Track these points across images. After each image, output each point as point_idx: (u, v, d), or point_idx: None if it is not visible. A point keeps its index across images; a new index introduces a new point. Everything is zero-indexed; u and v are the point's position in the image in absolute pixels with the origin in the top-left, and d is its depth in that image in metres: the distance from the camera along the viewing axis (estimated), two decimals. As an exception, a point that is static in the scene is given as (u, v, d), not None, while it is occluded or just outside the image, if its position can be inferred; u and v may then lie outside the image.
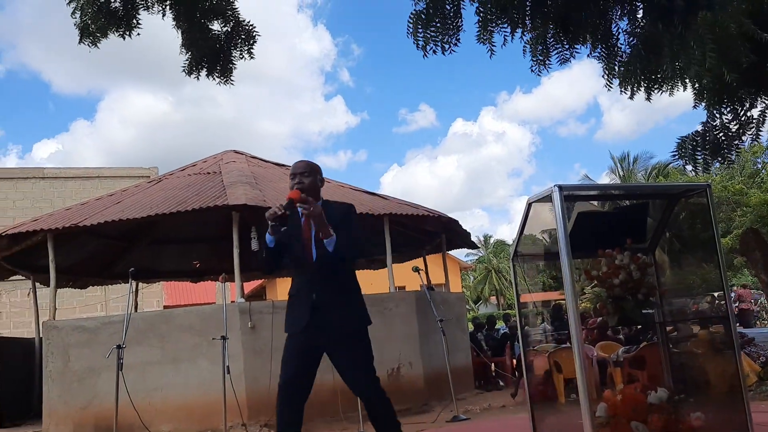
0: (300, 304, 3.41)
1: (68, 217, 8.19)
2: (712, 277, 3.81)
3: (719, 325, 5.66)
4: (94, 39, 4.14)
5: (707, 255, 3.80)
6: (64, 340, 7.30)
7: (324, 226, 3.29)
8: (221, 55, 4.79)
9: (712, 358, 5.07)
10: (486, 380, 10.00)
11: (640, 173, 35.75)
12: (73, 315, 15.08)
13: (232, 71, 4.89)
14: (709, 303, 9.61)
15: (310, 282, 3.40)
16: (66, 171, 19.95)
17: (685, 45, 4.80)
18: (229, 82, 4.90)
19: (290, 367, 3.37)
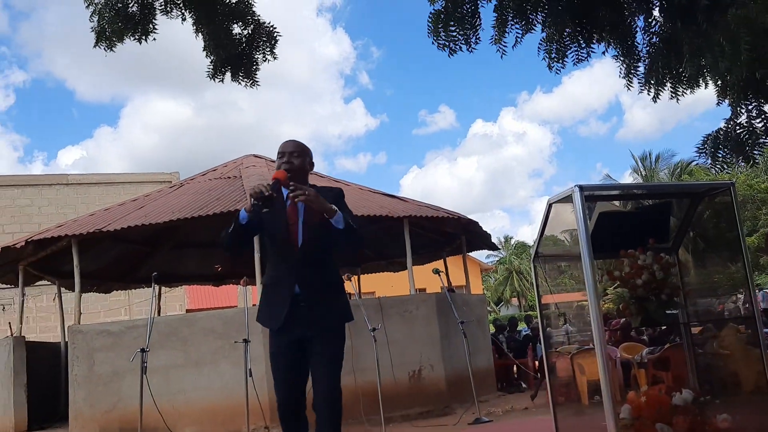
0: (279, 294, 3.13)
1: (92, 222, 8.31)
2: (738, 277, 3.75)
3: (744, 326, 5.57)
4: (109, 43, 4.18)
5: (732, 254, 3.75)
6: (89, 344, 7.40)
7: (325, 206, 2.99)
8: (244, 57, 4.82)
9: (739, 359, 5.00)
10: (508, 382, 9.95)
11: (663, 172, 35.29)
12: (98, 319, 15.29)
13: (256, 73, 4.91)
14: (734, 303, 9.48)
15: (292, 272, 3.10)
16: (89, 177, 20.24)
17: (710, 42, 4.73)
18: (255, 84, 4.93)
19: (280, 394, 3.15)
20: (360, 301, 7.50)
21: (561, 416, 3.62)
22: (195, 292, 25.06)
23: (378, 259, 12.29)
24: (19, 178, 19.49)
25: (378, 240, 10.66)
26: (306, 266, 3.10)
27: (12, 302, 16.78)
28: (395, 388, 7.25)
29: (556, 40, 6.56)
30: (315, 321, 3.08)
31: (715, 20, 4.98)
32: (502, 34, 5.96)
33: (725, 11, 4.98)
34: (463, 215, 9.21)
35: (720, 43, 4.42)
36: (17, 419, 8.26)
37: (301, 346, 3.11)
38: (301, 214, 3.13)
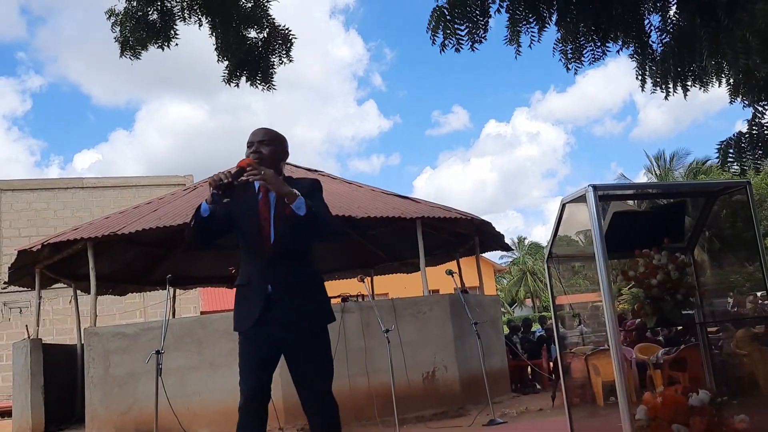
0: (251, 296, 2.93)
1: (107, 225, 8.38)
2: (756, 277, 3.71)
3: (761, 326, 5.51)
4: (134, 52, 4.24)
5: (749, 254, 3.71)
6: (104, 346, 7.46)
7: (284, 188, 2.81)
8: (260, 61, 4.85)
9: (756, 359, 4.94)
10: (523, 383, 9.91)
11: (678, 171, 35.00)
12: (113, 322, 15.42)
13: (272, 76, 4.94)
14: (752, 303, 9.39)
15: (264, 270, 2.89)
16: (104, 180, 20.41)
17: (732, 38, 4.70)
18: (271, 87, 4.96)
19: (249, 382, 2.94)
20: (373, 303, 7.51)
21: (576, 417, 3.60)
22: (209, 294, 25.18)
23: (391, 261, 12.29)
24: (35, 182, 19.69)
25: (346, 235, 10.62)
26: (279, 264, 2.89)
27: (29, 305, 16.96)
28: (409, 389, 7.25)
29: (570, 40, 6.53)
30: (290, 322, 2.88)
31: (737, 16, 4.94)
32: (516, 34, 5.93)
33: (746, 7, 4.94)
34: (476, 216, 9.19)
35: (744, 38, 4.38)
36: (34, 420, 8.34)
37: (276, 349, 2.94)
38: (272, 208, 2.95)
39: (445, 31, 4.91)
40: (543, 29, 6.29)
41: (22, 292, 15.16)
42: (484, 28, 5.39)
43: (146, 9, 4.08)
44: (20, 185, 19.24)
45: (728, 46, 4.63)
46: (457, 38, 5.10)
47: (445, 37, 4.96)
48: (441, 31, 4.89)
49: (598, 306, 3.05)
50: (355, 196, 9.01)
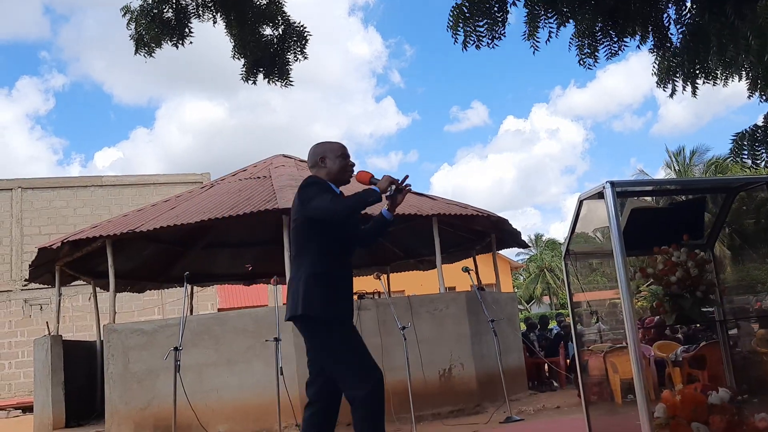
0: (348, 286, 3.33)
1: (126, 223, 8.46)
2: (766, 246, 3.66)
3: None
4: (149, 49, 4.26)
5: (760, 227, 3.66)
6: (123, 342, 7.54)
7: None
8: (276, 58, 4.85)
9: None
10: (540, 381, 9.86)
11: (697, 167, 34.59)
12: (132, 319, 15.56)
13: (289, 73, 4.95)
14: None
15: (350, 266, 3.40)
16: (123, 179, 20.61)
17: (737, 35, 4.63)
18: (288, 84, 4.97)
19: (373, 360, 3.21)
20: (389, 300, 7.51)
21: (594, 415, 3.58)
22: (226, 292, 25.34)
23: (407, 258, 12.28)
24: (54, 181, 19.92)
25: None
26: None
27: (49, 302, 17.19)
28: (425, 386, 7.24)
29: (587, 35, 6.46)
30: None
31: (743, 13, 4.86)
32: (535, 29, 5.89)
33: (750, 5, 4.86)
34: (492, 213, 9.15)
35: (746, 36, 4.31)
36: (55, 416, 8.46)
37: None
38: None
39: (465, 28, 4.90)
40: (562, 24, 6.23)
41: (43, 289, 15.37)
42: (502, 23, 5.37)
43: (161, 6, 4.10)
44: (40, 183, 19.49)
45: (733, 42, 4.56)
46: (477, 35, 5.07)
47: (465, 35, 4.94)
48: (461, 29, 4.87)
49: (616, 303, 3.02)
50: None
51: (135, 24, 4.20)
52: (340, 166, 3.33)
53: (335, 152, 3.38)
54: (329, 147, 3.42)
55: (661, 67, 6.98)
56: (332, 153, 3.38)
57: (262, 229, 10.84)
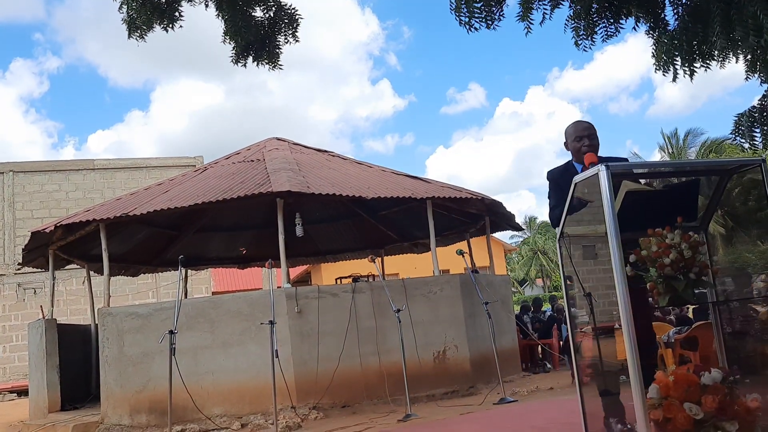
0: None
1: (119, 207, 8.42)
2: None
3: None
4: (141, 32, 4.22)
5: (762, 232, 3.67)
6: (118, 326, 7.54)
7: None
8: (267, 41, 4.81)
9: None
10: (533, 363, 9.94)
11: (692, 150, 34.69)
12: (126, 302, 15.58)
13: (278, 56, 4.90)
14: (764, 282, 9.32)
15: None
16: (115, 162, 20.49)
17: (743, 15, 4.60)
18: (277, 67, 4.93)
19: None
20: (384, 283, 7.52)
21: (587, 396, 3.60)
22: (220, 275, 25.37)
23: (401, 241, 12.30)
24: (46, 164, 19.80)
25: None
26: None
27: (43, 286, 17.15)
28: (420, 368, 7.29)
29: (583, 17, 6.42)
30: None
31: None
32: (528, 10, 5.86)
33: None
34: (486, 195, 9.16)
35: (756, 15, 4.29)
36: (50, 399, 8.48)
37: None
38: None
39: (468, 9, 4.88)
40: (557, 6, 6.20)
41: (36, 273, 15.35)
42: (499, 4, 5.35)
43: (151, -12, 4.06)
44: (32, 167, 19.36)
45: (739, 23, 4.54)
46: (477, 17, 5.06)
47: (469, 17, 4.93)
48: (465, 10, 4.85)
49: (611, 285, 3.03)
50: (366, 177, 9.00)
51: (127, 7, 4.15)
52: (574, 150, 3.54)
53: (570, 136, 3.59)
54: (568, 130, 3.64)
55: (659, 50, 6.95)
56: (569, 137, 3.60)
57: (256, 213, 10.83)
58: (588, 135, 3.54)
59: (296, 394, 6.95)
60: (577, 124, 3.64)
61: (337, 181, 8.33)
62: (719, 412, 2.85)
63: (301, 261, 14.06)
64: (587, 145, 3.48)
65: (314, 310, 7.31)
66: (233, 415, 6.98)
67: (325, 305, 7.37)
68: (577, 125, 3.62)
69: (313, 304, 7.34)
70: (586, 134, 3.53)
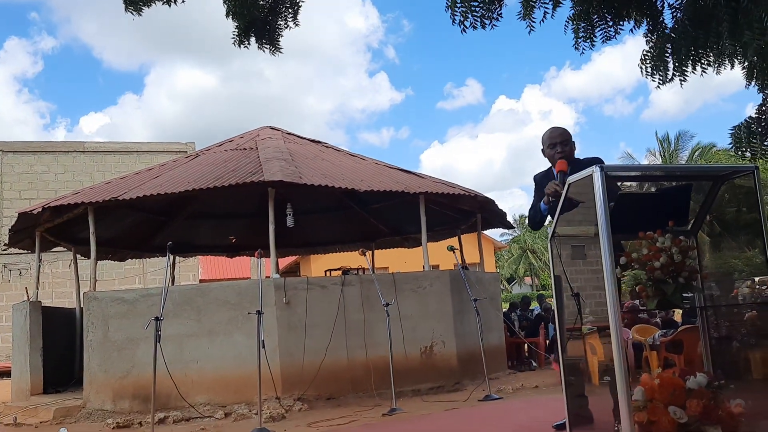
0: None
1: (108, 190, 8.35)
2: (755, 262, 3.69)
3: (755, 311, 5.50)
4: (136, 6, 4.14)
5: (750, 239, 3.69)
6: (104, 311, 7.49)
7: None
8: (267, 24, 4.76)
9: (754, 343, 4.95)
10: (519, 360, 9.97)
11: (683, 154, 34.96)
12: (112, 287, 15.49)
13: (279, 40, 4.86)
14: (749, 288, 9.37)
15: None
16: (105, 145, 20.34)
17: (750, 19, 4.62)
18: (277, 50, 4.88)
19: None
20: (374, 276, 7.51)
21: (572, 396, 3.62)
22: (209, 263, 25.28)
23: (393, 235, 12.29)
24: (36, 145, 19.63)
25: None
26: None
27: (28, 267, 17.04)
28: (406, 363, 7.30)
29: (583, 18, 6.42)
30: None
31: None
32: (530, 8, 5.85)
33: None
34: (479, 193, 9.16)
35: (761, 19, 4.31)
36: (33, 382, 8.41)
37: None
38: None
39: (462, 8, 4.85)
40: (558, 5, 6.19)
41: (22, 254, 15.21)
42: (498, 3, 5.32)
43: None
44: (21, 147, 19.19)
45: (747, 26, 4.55)
46: (473, 16, 5.03)
47: (463, 16, 4.90)
48: (459, 9, 4.83)
49: (600, 285, 3.03)
50: (359, 169, 8.97)
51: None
52: (549, 156, 3.72)
53: (545, 143, 3.75)
54: (543, 137, 3.80)
55: (653, 54, 6.95)
56: (544, 143, 3.76)
57: (247, 201, 10.78)
58: (561, 142, 3.71)
59: (281, 385, 6.93)
60: (551, 131, 3.77)
61: (329, 172, 8.29)
62: (703, 416, 2.86)
63: (290, 251, 14.03)
64: (559, 152, 3.63)
65: (302, 301, 7.29)
66: (217, 404, 6.95)
67: (314, 297, 7.35)
68: (551, 132, 3.76)
69: (301, 295, 7.32)
70: (559, 141, 3.71)
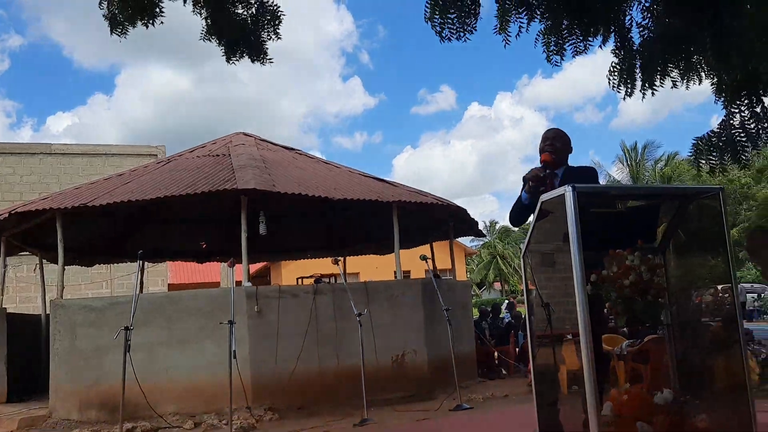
0: None
1: (78, 196, 8.21)
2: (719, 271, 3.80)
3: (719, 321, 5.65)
4: (123, 29, 4.17)
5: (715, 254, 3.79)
6: (71, 318, 7.37)
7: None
8: (251, 37, 4.81)
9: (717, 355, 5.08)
10: (489, 368, 10.05)
11: (649, 163, 35.75)
12: (78, 292, 15.23)
13: (265, 51, 4.94)
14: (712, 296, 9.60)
15: None
16: (73, 147, 19.96)
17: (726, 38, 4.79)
18: (267, 61, 4.97)
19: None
20: (346, 286, 7.52)
21: (543, 407, 3.68)
22: (177, 267, 24.95)
23: (365, 242, 12.31)
24: (0, 146, 19.18)
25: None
26: None
27: (-8, 271, 16.62)
28: (378, 372, 7.30)
29: (554, 33, 6.55)
30: None
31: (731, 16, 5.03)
32: (506, 23, 5.96)
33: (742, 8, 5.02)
34: (452, 202, 9.23)
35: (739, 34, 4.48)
36: (-3, 390, 8.23)
37: None
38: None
39: (440, 20, 4.96)
40: (532, 19, 6.32)
41: (-14, 258, 14.83)
42: (474, 16, 5.41)
43: (133, -16, 4.00)
44: (-14, 148, 18.75)
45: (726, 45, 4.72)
46: (449, 28, 5.15)
47: (441, 27, 5.01)
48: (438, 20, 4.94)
49: (570, 294, 3.08)
50: (333, 177, 8.98)
51: (107, 3, 4.09)
52: (540, 150, 3.87)
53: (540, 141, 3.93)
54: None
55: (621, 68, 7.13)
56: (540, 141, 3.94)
57: (218, 207, 10.69)
58: (552, 137, 3.89)
59: (252, 395, 6.89)
60: (547, 130, 4.02)
61: (303, 180, 8.28)
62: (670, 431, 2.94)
63: (262, 258, 13.96)
64: (548, 145, 3.82)
65: (274, 310, 7.26)
66: (186, 414, 6.88)
67: (286, 305, 7.33)
68: (546, 131, 4.00)
69: (273, 303, 7.29)
70: (551, 137, 3.90)
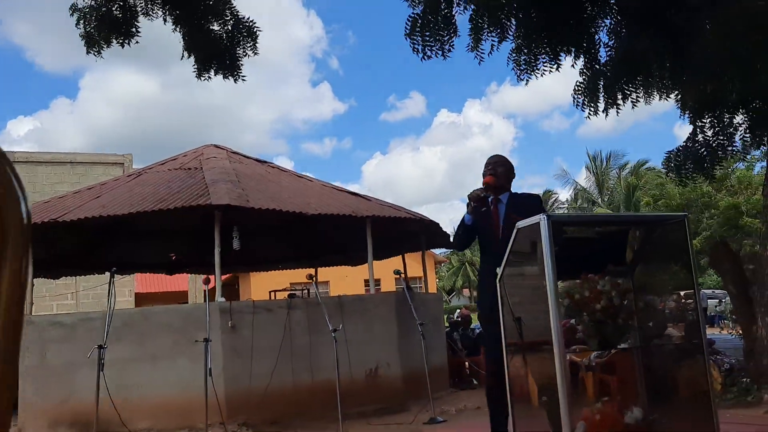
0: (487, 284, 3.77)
1: (47, 210, 8.11)
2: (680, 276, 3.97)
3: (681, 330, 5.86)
4: (98, 48, 4.19)
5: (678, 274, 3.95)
6: (40, 335, 7.27)
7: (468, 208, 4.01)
8: (227, 53, 4.86)
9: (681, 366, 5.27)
10: (461, 379, 10.17)
11: (614, 171, 36.60)
12: (44, 303, 14.94)
13: (240, 68, 4.99)
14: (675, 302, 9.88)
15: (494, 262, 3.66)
16: (37, 155, 19.59)
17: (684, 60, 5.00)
18: (239, 78, 5.01)
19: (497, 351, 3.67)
20: (321, 301, 7.57)
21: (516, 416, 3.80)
22: (144, 276, 24.64)
23: (337, 254, 12.35)
24: (-39, 154, 18.73)
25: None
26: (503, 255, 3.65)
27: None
28: (352, 385, 7.35)
29: (524, 52, 6.75)
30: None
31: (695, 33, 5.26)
32: (478, 41, 6.13)
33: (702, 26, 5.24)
34: (424, 216, 9.35)
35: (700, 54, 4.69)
36: (-38, 409, 8.05)
37: None
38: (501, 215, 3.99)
39: (421, 37, 5.12)
40: (504, 38, 6.51)
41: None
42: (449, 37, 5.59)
43: (110, 5, 4.01)
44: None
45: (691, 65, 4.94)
46: (425, 46, 5.32)
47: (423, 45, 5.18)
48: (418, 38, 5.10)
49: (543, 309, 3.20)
50: (306, 192, 9.02)
51: (84, 22, 4.10)
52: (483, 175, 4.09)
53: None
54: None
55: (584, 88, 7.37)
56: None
57: (189, 220, 10.62)
58: (494, 162, 4.11)
59: (226, 411, 6.87)
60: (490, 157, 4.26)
61: (277, 195, 8.31)
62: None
63: (232, 269, 13.88)
64: (489, 170, 4.05)
65: (248, 325, 7.27)
66: (160, 431, 6.85)
67: (260, 320, 7.35)
68: (489, 157, 4.23)
69: (247, 318, 7.30)
70: (492, 161, 4.12)
